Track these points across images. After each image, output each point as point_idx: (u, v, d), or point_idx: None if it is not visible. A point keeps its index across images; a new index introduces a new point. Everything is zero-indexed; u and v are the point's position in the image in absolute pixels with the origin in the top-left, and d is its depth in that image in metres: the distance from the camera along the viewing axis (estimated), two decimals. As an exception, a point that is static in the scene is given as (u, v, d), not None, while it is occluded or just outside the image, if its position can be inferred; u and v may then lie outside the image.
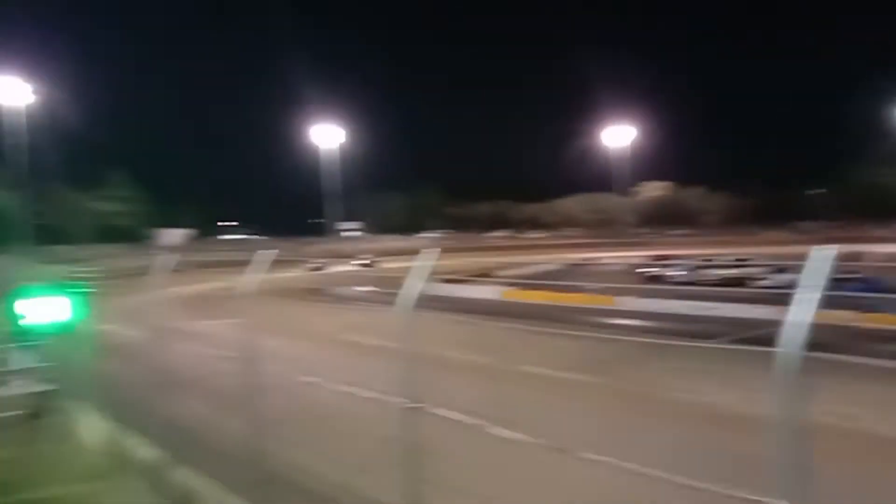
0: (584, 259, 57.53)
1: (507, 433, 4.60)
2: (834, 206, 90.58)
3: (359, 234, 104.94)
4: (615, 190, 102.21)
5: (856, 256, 48.41)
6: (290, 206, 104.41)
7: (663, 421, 10.47)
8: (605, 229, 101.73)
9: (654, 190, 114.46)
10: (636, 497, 4.76)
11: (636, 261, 51.22)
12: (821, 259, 2.97)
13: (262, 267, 7.09)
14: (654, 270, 44.46)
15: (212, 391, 11.23)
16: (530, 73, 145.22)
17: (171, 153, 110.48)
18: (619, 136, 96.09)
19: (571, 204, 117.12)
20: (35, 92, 66.83)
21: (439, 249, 5.10)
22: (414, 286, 4.97)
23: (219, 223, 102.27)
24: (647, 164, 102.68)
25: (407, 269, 5.01)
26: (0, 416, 12.86)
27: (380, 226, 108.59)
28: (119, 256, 60.14)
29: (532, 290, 32.79)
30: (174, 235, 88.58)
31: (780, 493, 2.90)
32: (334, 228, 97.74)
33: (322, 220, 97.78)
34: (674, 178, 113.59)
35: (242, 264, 7.53)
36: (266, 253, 7.30)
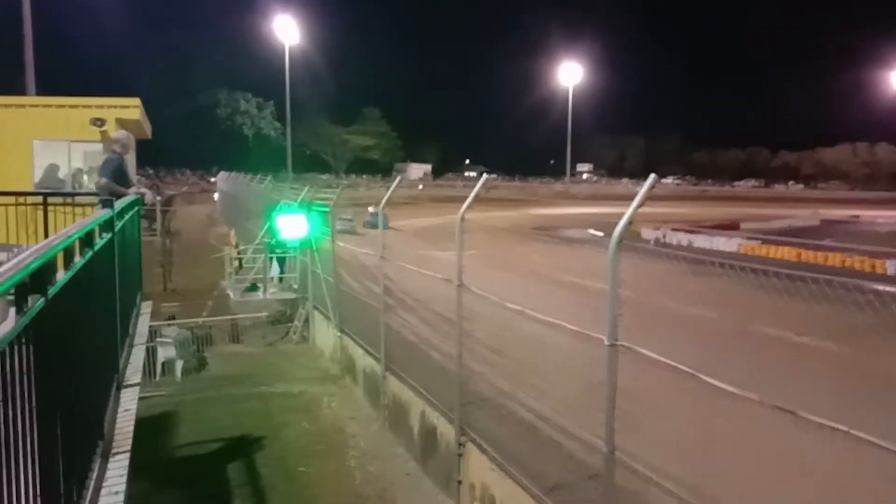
0: (848, 216, 51.25)
1: (720, 384, 4.07)
2: None
3: (587, 177, 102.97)
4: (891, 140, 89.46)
5: None
6: (528, 147, 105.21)
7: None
8: (876, 184, 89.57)
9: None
10: (861, 470, 4.04)
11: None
12: None
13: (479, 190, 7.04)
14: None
15: (432, 313, 11.67)
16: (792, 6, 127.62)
17: (422, 94, 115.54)
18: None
19: (837, 153, 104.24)
20: (305, 32, 73.00)
21: (650, 186, 4.63)
22: (620, 226, 4.64)
23: (466, 162, 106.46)
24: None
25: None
26: (254, 316, 14.57)
27: (614, 170, 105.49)
28: (368, 186, 64.96)
29: (778, 246, 29.76)
30: (417, 170, 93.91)
31: None
32: (574, 171, 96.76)
33: (553, 161, 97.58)
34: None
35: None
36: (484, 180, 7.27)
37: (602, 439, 4.81)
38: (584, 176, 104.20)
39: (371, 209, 21.48)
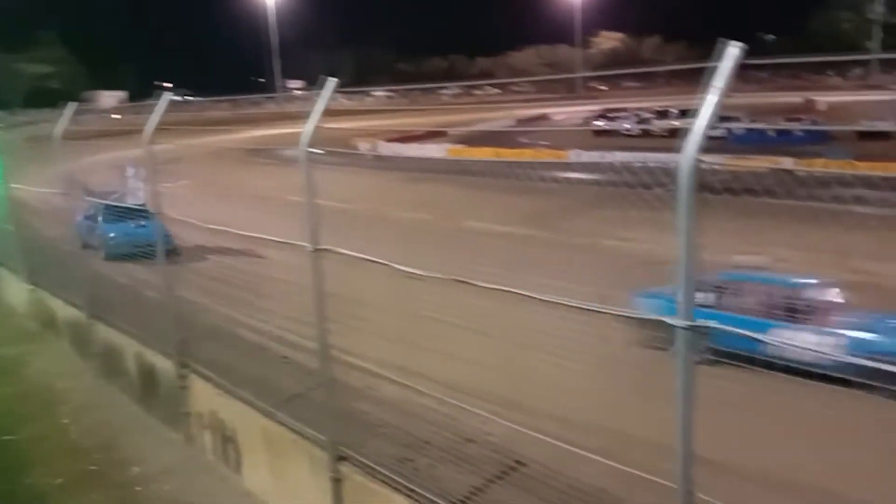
0: (538, 114, 56.85)
1: (410, 269, 4.39)
2: (790, 54, 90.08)
3: (300, 93, 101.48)
4: (570, 42, 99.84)
5: (809, 105, 48.82)
6: (230, 65, 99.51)
7: (586, 264, 10.46)
8: (559, 83, 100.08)
9: (608, 41, 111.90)
10: (521, 319, 4.71)
11: (589, 115, 50.68)
12: (729, 57, 2.70)
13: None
14: (607, 124, 44.14)
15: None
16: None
17: (109, 15, 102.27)
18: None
19: (525, 57, 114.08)
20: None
21: (332, 89, 4.73)
22: (305, 135, 4.72)
23: (159, 84, 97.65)
24: (605, 14, 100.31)
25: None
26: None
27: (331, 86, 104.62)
28: (49, 121, 57.15)
29: (480, 147, 32.27)
30: (110, 98, 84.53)
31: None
32: (282, 87, 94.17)
33: (263, 80, 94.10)
34: (630, 28, 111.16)
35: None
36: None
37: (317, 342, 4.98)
38: (297, 93, 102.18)
39: None
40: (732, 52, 2.62)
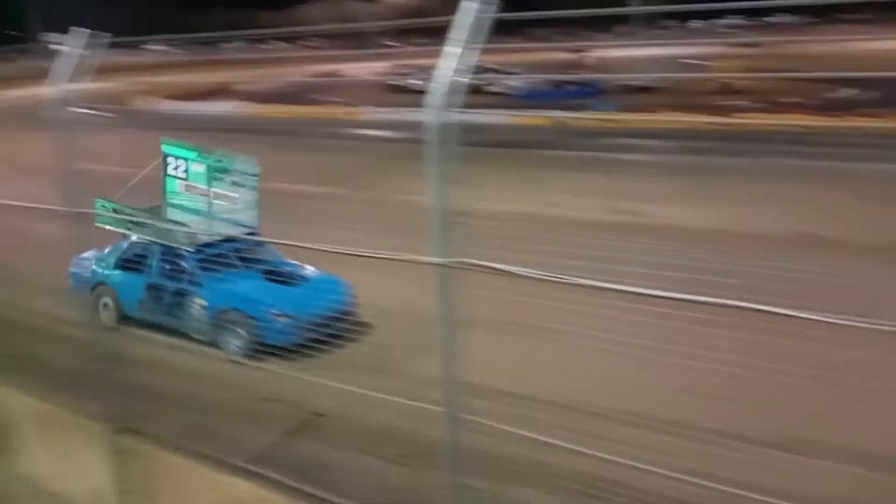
0: (330, 70, 55.89)
1: (184, 228, 4.33)
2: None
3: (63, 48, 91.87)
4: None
5: (581, 61, 52.37)
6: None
7: (374, 217, 10.63)
8: (351, 39, 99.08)
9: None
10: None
11: (382, 71, 50.61)
12: (466, 12, 2.89)
13: None
14: (399, 80, 44.47)
15: None
16: None
17: None
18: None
19: (314, 11, 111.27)
20: None
21: (81, 41, 4.45)
22: (55, 90, 4.56)
23: None
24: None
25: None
26: None
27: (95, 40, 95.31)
28: None
29: (272, 105, 31.50)
30: None
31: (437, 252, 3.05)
32: (41, 42, 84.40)
33: (19, 33, 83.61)
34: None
35: None
36: None
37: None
38: (59, 48, 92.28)
39: None
40: (468, 6, 2.80)
